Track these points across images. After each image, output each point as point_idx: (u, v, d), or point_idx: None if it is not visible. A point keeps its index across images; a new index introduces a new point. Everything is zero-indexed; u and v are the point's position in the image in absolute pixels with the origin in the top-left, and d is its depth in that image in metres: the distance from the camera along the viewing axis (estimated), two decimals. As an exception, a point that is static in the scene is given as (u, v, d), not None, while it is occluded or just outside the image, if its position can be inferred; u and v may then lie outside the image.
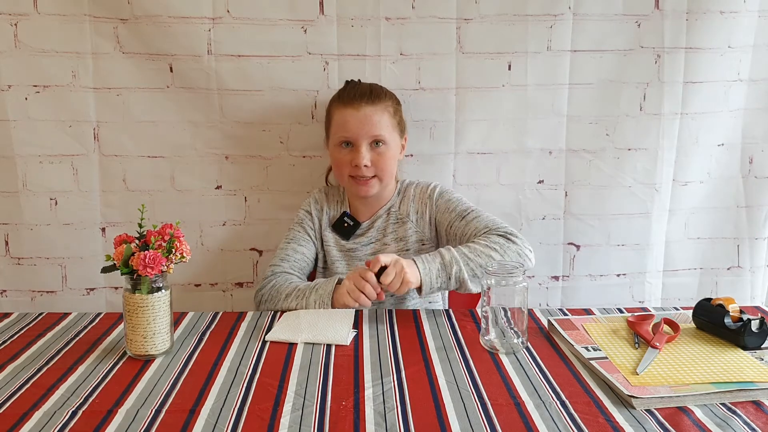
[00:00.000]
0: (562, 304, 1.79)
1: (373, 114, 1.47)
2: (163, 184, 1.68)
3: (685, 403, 0.95)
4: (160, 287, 1.13)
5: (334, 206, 1.60)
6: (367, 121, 1.47)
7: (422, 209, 1.55)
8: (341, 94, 1.52)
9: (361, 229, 1.57)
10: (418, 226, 1.55)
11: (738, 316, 1.18)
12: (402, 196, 1.58)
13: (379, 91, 1.51)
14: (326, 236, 1.58)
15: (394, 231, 1.55)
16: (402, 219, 1.55)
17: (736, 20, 1.65)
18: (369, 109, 1.47)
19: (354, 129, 1.47)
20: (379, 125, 1.48)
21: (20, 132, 1.62)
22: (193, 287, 1.74)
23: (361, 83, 1.55)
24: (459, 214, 1.49)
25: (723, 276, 1.82)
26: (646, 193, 1.74)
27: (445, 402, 0.96)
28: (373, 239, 1.56)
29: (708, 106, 1.70)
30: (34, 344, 1.20)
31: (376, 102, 1.49)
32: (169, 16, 1.56)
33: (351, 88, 1.53)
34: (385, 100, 1.51)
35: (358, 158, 1.46)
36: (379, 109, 1.48)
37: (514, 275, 1.15)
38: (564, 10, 1.63)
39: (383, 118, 1.48)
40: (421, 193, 1.56)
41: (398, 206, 1.57)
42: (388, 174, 1.52)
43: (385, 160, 1.49)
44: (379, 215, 1.57)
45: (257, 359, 1.12)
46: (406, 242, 1.54)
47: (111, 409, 0.94)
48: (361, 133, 1.47)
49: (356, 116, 1.47)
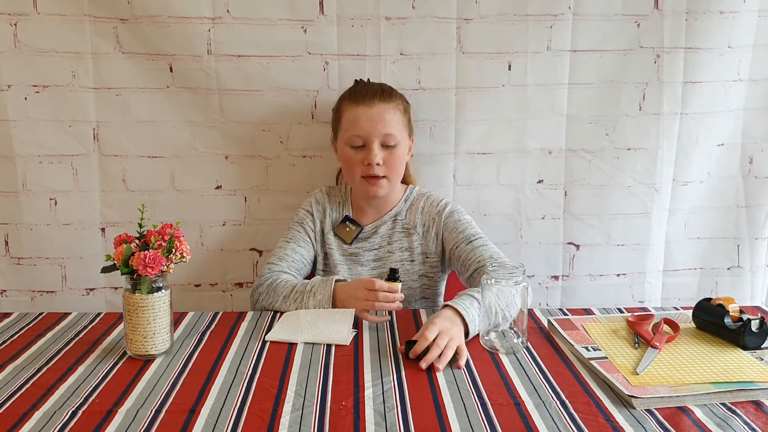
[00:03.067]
0: (562, 304, 1.79)
1: (386, 111, 1.46)
2: (163, 184, 1.68)
3: (685, 403, 0.95)
4: (160, 287, 1.13)
5: (337, 208, 1.58)
6: (380, 119, 1.45)
7: (429, 224, 1.53)
8: (352, 92, 1.51)
9: (364, 233, 1.55)
10: (424, 239, 1.54)
11: (738, 316, 1.18)
12: (410, 205, 1.57)
13: (391, 90, 1.51)
14: (328, 239, 1.56)
15: (400, 240, 1.54)
16: (409, 230, 1.54)
17: (736, 20, 1.64)
18: (382, 107, 1.46)
19: (366, 126, 1.45)
20: (391, 123, 1.46)
21: (20, 132, 1.62)
22: (193, 287, 1.74)
23: (372, 82, 1.54)
24: (467, 238, 1.47)
25: (723, 276, 1.82)
26: (646, 193, 1.73)
27: (445, 402, 0.96)
28: (377, 245, 1.55)
29: (708, 106, 1.70)
30: (34, 344, 1.20)
31: (388, 100, 1.48)
32: (169, 16, 1.56)
33: (362, 86, 1.52)
34: (396, 98, 1.50)
35: (371, 156, 1.44)
36: (392, 107, 1.47)
37: (514, 275, 1.16)
38: (564, 10, 1.63)
39: (395, 116, 1.47)
40: (430, 208, 1.55)
41: (405, 215, 1.55)
42: (397, 174, 1.51)
43: (396, 159, 1.48)
44: (384, 221, 1.55)
45: (257, 359, 1.12)
46: (412, 253, 1.53)
47: (111, 409, 0.95)
48: (374, 131, 1.45)
49: (369, 113, 1.45)
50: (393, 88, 1.52)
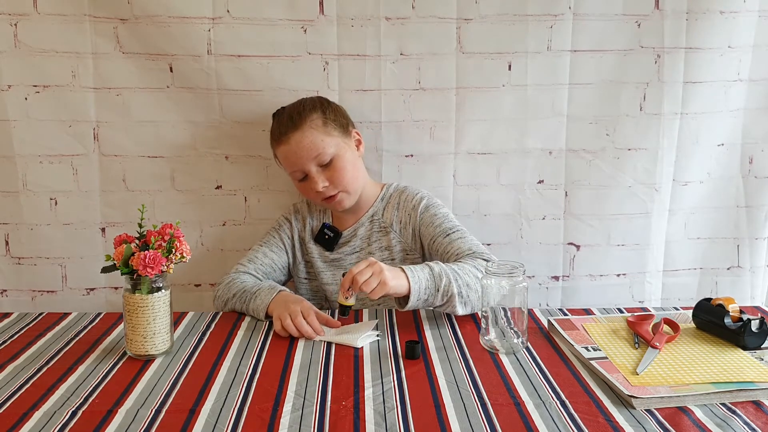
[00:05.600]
0: (562, 304, 1.78)
1: (302, 139, 1.44)
2: (163, 184, 1.68)
3: (685, 403, 0.95)
4: (160, 287, 1.13)
5: (317, 216, 1.60)
6: (300, 149, 1.44)
7: (405, 220, 1.53)
8: (273, 131, 1.52)
9: (343, 237, 1.56)
10: (401, 236, 1.53)
11: (738, 316, 1.18)
12: (386, 203, 1.57)
13: (300, 112, 1.47)
14: (310, 248, 1.57)
15: (378, 240, 1.54)
16: (385, 228, 1.54)
17: (736, 20, 1.64)
18: (297, 136, 1.44)
19: (296, 161, 1.46)
20: (312, 146, 1.44)
21: (20, 132, 1.62)
22: (193, 287, 1.74)
23: (284, 112, 1.51)
24: (444, 231, 1.46)
25: (723, 276, 1.82)
26: (646, 193, 1.73)
27: (445, 402, 0.96)
28: (357, 248, 1.55)
29: (708, 106, 1.70)
30: (34, 344, 1.20)
31: (299, 125, 1.45)
32: (169, 16, 1.56)
33: (276, 123, 1.51)
34: (306, 118, 1.46)
35: (314, 185, 1.46)
36: (306, 130, 1.44)
37: (514, 275, 1.16)
38: (564, 10, 1.63)
39: (313, 136, 1.44)
40: (405, 203, 1.54)
41: (381, 213, 1.56)
42: (351, 182, 1.48)
43: (340, 172, 1.46)
44: (362, 222, 1.56)
45: (257, 359, 1.12)
46: (391, 251, 1.53)
47: (111, 409, 0.95)
48: (303, 160, 1.45)
49: (290, 149, 1.46)
50: (303, 105, 1.49)
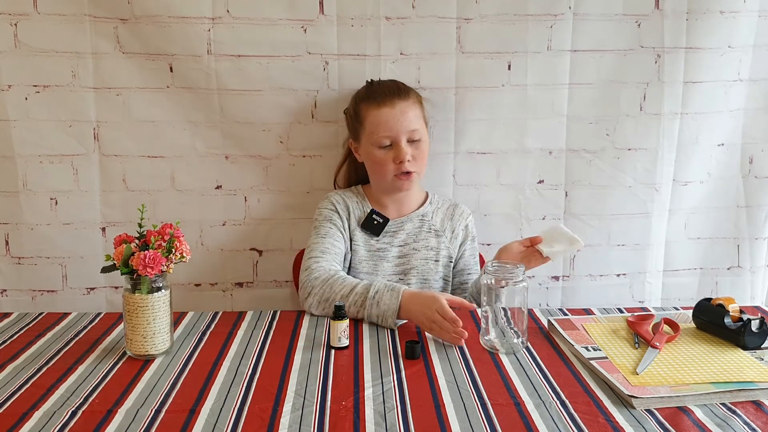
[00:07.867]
0: (562, 304, 1.78)
1: (407, 108, 1.49)
2: (163, 184, 1.68)
3: (685, 403, 0.95)
4: (160, 287, 1.13)
5: (357, 206, 1.57)
6: (404, 117, 1.48)
7: (459, 232, 1.58)
8: (369, 93, 1.52)
9: (390, 227, 1.55)
10: (450, 244, 1.57)
11: (738, 316, 1.18)
12: (436, 207, 1.60)
13: (406, 87, 1.54)
14: (355, 236, 1.54)
15: (426, 239, 1.55)
16: (437, 232, 1.56)
17: (736, 20, 1.64)
18: (403, 104, 1.48)
19: (393, 126, 1.47)
20: (414, 119, 1.49)
21: (20, 132, 1.62)
22: (193, 287, 1.74)
23: (384, 81, 1.56)
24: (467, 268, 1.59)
25: (723, 276, 1.82)
26: (646, 193, 1.73)
27: (445, 402, 0.96)
28: (403, 242, 1.55)
29: (708, 106, 1.70)
30: (34, 344, 1.20)
31: (406, 97, 1.50)
32: (169, 16, 1.56)
33: (378, 86, 1.53)
34: (412, 94, 1.53)
35: (401, 154, 1.46)
36: (411, 103, 1.50)
37: (514, 275, 1.16)
38: (564, 10, 1.63)
39: (415, 111, 1.50)
40: (459, 217, 1.60)
41: (432, 216, 1.58)
42: (423, 169, 1.54)
43: (422, 153, 1.51)
44: (411, 218, 1.57)
45: (257, 359, 1.12)
46: (437, 254, 1.55)
47: (111, 409, 0.95)
48: (401, 129, 1.47)
49: (393, 113, 1.47)
50: (406, 84, 1.54)
